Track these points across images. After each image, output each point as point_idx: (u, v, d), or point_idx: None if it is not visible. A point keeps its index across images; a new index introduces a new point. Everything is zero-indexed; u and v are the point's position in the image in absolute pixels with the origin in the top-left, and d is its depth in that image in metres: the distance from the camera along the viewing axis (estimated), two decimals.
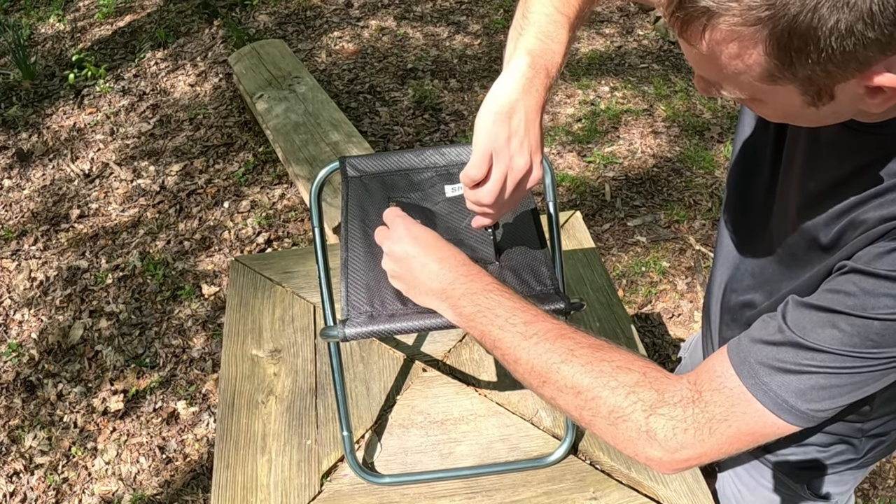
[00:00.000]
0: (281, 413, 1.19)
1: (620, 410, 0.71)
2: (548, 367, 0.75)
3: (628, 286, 2.63)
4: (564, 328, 0.77)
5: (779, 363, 0.67)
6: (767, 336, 0.69)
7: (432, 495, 1.06)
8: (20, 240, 2.95)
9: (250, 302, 1.38)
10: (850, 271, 0.67)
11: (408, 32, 4.07)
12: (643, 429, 0.71)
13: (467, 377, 1.24)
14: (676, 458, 0.71)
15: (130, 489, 2.12)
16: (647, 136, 3.26)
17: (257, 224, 2.91)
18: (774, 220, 0.88)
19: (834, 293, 0.67)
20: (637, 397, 0.71)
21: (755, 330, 0.72)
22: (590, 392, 0.73)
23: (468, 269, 0.84)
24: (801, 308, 0.69)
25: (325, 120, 3.03)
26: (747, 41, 0.56)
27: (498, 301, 0.80)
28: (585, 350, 0.75)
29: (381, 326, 0.90)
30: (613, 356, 0.74)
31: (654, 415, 0.70)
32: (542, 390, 0.77)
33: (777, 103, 0.64)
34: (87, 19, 4.39)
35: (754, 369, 0.68)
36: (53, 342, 2.53)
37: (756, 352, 0.69)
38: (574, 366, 0.74)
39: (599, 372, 0.73)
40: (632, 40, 3.94)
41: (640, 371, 0.73)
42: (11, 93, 3.80)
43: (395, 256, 0.87)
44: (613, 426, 0.72)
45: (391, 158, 1.10)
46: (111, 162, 3.30)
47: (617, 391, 0.72)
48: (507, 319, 0.78)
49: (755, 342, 0.70)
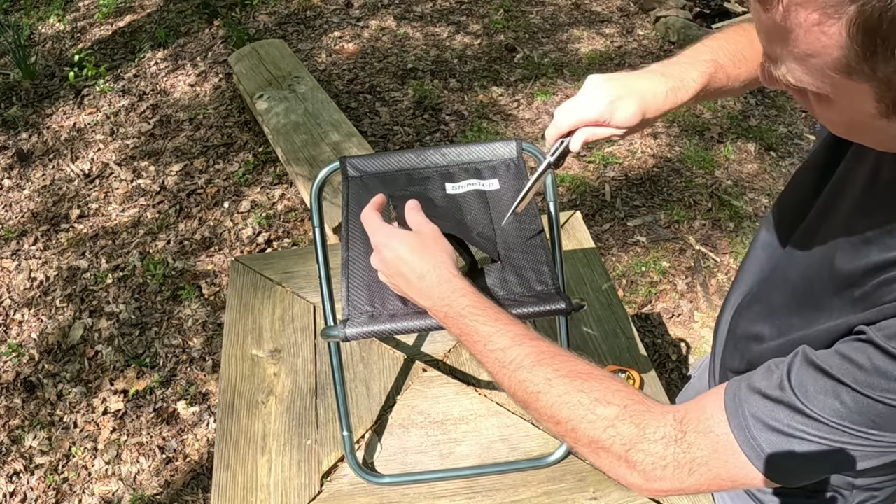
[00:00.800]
0: (281, 413, 1.19)
1: (599, 442, 0.70)
2: (527, 395, 0.74)
3: (628, 286, 2.63)
4: (542, 353, 0.75)
5: (773, 421, 0.64)
6: (767, 389, 0.66)
7: (432, 495, 1.06)
8: (20, 240, 2.95)
9: (250, 302, 1.38)
10: (868, 342, 0.62)
11: (408, 32, 4.07)
12: (622, 459, 0.70)
13: (467, 377, 1.24)
14: (655, 488, 0.70)
15: (130, 489, 2.12)
16: (647, 136, 3.26)
17: (257, 224, 2.91)
18: (805, 254, 0.83)
19: (845, 360, 0.62)
20: (616, 431, 0.69)
21: (757, 378, 0.68)
22: (568, 424, 0.72)
23: (446, 287, 0.82)
24: (808, 368, 0.65)
25: (325, 120, 3.03)
26: (830, 11, 0.49)
27: (474, 327, 0.79)
28: (564, 380, 0.73)
29: (381, 326, 0.90)
30: (592, 386, 0.72)
31: (633, 450, 0.69)
32: (528, 412, 0.77)
33: (846, 105, 0.56)
34: (87, 19, 4.39)
35: (747, 421, 0.66)
36: (53, 342, 2.53)
37: (752, 403, 0.66)
38: (551, 396, 0.72)
39: (577, 404, 0.71)
40: (632, 40, 3.94)
41: (619, 405, 0.70)
42: (11, 93, 3.80)
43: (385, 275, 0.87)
44: (594, 454, 0.72)
45: (392, 158, 1.10)
46: (111, 162, 3.30)
47: (595, 424, 0.70)
48: (486, 346, 0.78)
49: (753, 392, 0.67)
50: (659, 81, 0.89)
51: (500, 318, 0.79)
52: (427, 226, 0.88)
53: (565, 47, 3.90)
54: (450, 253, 0.86)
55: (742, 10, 4.11)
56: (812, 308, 0.76)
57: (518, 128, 3.35)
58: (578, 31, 4.03)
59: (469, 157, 1.10)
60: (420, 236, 0.86)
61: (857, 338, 0.64)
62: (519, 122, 3.38)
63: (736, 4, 4.19)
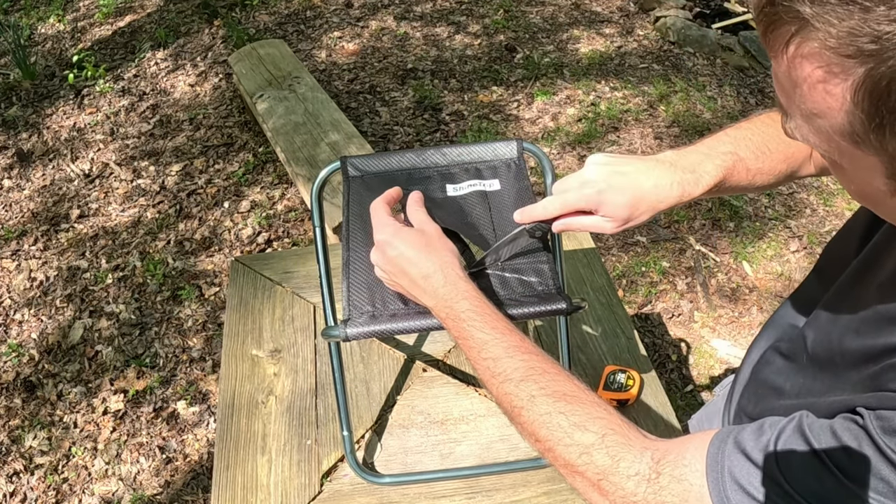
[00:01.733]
0: (281, 413, 1.19)
1: (574, 466, 0.69)
2: (511, 409, 0.74)
3: (628, 286, 2.63)
4: (532, 369, 0.74)
5: (749, 486, 0.61)
6: (753, 452, 0.63)
7: (432, 495, 1.06)
8: (20, 240, 2.95)
9: (250, 302, 1.38)
10: (864, 430, 0.57)
11: (408, 32, 4.07)
12: (595, 487, 0.68)
13: (467, 377, 1.24)
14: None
15: (130, 489, 2.12)
16: (647, 136, 3.26)
17: (257, 224, 2.91)
18: (833, 318, 0.78)
19: (836, 440, 0.59)
20: (590, 459, 0.68)
21: (746, 436, 0.65)
22: (546, 443, 0.71)
23: (448, 289, 0.81)
24: (799, 440, 0.61)
25: (325, 120, 3.03)
26: (836, 70, 0.45)
27: (470, 333, 0.78)
28: (547, 399, 0.72)
29: (382, 326, 0.90)
30: (574, 410, 0.70)
31: (604, 480, 0.68)
32: (512, 425, 0.77)
33: (855, 174, 0.52)
34: (87, 19, 4.39)
35: (724, 478, 0.63)
36: (53, 342, 2.53)
37: (734, 461, 0.63)
38: (532, 414, 0.72)
39: (556, 426, 0.70)
40: (632, 40, 3.94)
41: (598, 433, 0.69)
42: (11, 93, 3.80)
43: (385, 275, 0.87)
44: (570, 476, 0.71)
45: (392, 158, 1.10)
46: (111, 162, 3.30)
47: (570, 449, 0.69)
48: (479, 353, 0.78)
49: (738, 451, 0.64)
50: (666, 172, 0.83)
51: (497, 327, 0.78)
52: (430, 225, 0.88)
53: (565, 47, 3.90)
54: (455, 253, 0.86)
55: (742, 11, 4.11)
56: (831, 376, 0.73)
57: (518, 128, 3.35)
58: (578, 31, 4.03)
59: (469, 157, 1.10)
60: (425, 235, 0.86)
61: (855, 420, 0.59)
62: (519, 122, 3.38)
63: (736, 4, 4.18)
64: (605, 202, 0.83)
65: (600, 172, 0.83)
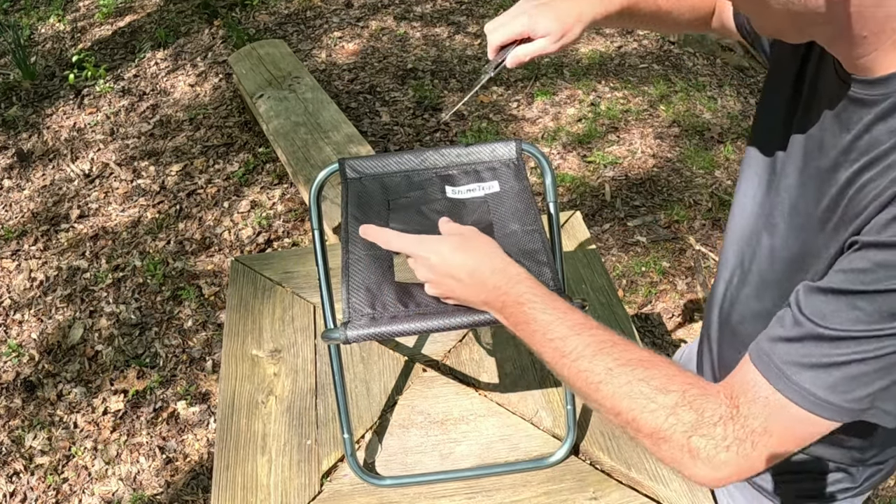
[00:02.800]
0: (281, 413, 1.19)
1: (662, 432, 0.70)
2: (588, 385, 0.74)
3: (628, 286, 2.63)
4: (603, 342, 0.75)
5: (804, 359, 0.65)
6: (786, 333, 0.67)
7: (432, 495, 1.06)
8: (20, 240, 2.95)
9: (250, 302, 1.39)
10: (862, 247, 0.64)
11: (408, 32, 4.07)
12: (685, 449, 0.69)
13: (467, 377, 1.24)
14: (720, 476, 0.70)
15: (130, 489, 2.12)
16: (647, 136, 3.27)
17: (257, 224, 2.92)
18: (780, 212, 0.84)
19: (847, 273, 0.64)
20: (677, 419, 0.69)
21: (772, 328, 0.69)
22: (630, 413, 0.72)
23: (501, 276, 0.82)
24: (816, 294, 0.66)
25: (325, 120, 3.03)
26: None
27: (533, 315, 0.78)
28: (624, 369, 0.72)
29: (382, 328, 0.90)
30: (653, 374, 0.72)
31: (694, 436, 0.69)
32: (587, 402, 0.77)
33: None
34: (87, 19, 4.39)
35: (781, 370, 0.66)
36: (53, 342, 2.53)
37: (779, 351, 0.67)
38: (612, 386, 0.72)
39: (638, 394, 0.71)
40: (632, 40, 3.94)
41: (678, 390, 0.70)
42: (11, 93, 3.80)
43: (431, 283, 0.87)
44: (656, 445, 0.71)
45: (391, 160, 1.10)
46: (111, 162, 3.30)
47: (656, 413, 0.70)
48: (545, 335, 0.77)
49: (775, 341, 0.68)
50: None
51: (557, 306, 0.78)
52: (464, 227, 0.89)
53: None
54: (495, 243, 0.86)
55: None
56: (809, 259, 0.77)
57: (518, 128, 3.35)
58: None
59: (468, 158, 1.10)
60: (460, 236, 0.87)
61: (852, 249, 0.65)
62: (519, 123, 3.39)
63: None
64: (537, 24, 0.97)
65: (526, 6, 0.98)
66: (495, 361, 1.25)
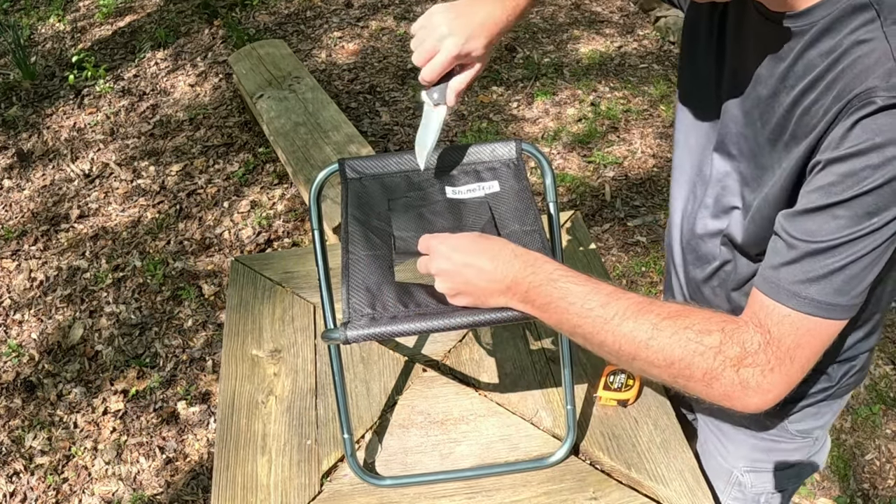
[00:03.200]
0: (281, 413, 1.19)
1: (713, 371, 0.76)
2: (636, 344, 0.78)
3: (628, 286, 2.63)
4: (641, 302, 0.79)
5: (808, 275, 0.73)
6: (784, 258, 0.75)
7: (432, 495, 1.06)
8: (20, 240, 2.95)
9: (250, 302, 1.39)
10: (826, 164, 0.72)
11: (408, 32, 4.07)
12: (736, 382, 0.75)
13: (467, 377, 1.24)
14: (771, 398, 0.77)
15: (130, 489, 2.12)
16: (647, 136, 3.27)
17: (257, 224, 2.92)
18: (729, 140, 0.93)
19: (819, 191, 0.72)
20: (724, 357, 0.75)
21: (770, 258, 0.78)
22: (682, 362, 0.76)
23: (524, 259, 0.84)
24: (799, 217, 0.74)
25: (325, 120, 3.03)
26: None
27: (567, 288, 0.81)
28: (668, 322, 0.77)
29: (382, 329, 0.90)
30: (694, 320, 0.77)
31: (742, 367, 0.75)
32: (632, 365, 0.81)
33: None
34: (87, 19, 4.40)
35: (791, 291, 0.74)
36: (53, 342, 2.53)
37: (784, 276, 0.75)
38: (661, 339, 0.77)
39: (687, 340, 0.76)
40: (632, 40, 3.94)
41: (719, 329, 0.76)
42: (11, 93, 3.80)
43: (446, 275, 0.87)
44: (708, 386, 0.77)
45: (390, 160, 1.10)
46: (111, 162, 3.30)
47: (706, 355, 0.76)
48: (583, 305, 0.80)
49: (777, 268, 0.76)
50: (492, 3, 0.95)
51: (589, 278, 0.82)
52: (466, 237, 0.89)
53: (565, 47, 3.90)
54: (504, 240, 0.88)
55: None
56: (761, 172, 0.86)
57: (518, 128, 3.35)
58: (578, 31, 4.03)
59: (468, 159, 1.10)
60: (470, 235, 0.88)
61: (816, 170, 0.74)
62: (519, 123, 3.39)
63: None
64: (472, 49, 0.94)
65: (443, 18, 0.94)
66: (495, 361, 1.26)
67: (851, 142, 0.69)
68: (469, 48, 0.94)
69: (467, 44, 0.93)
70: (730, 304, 1.04)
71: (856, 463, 2.09)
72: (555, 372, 1.23)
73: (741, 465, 1.21)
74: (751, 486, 1.22)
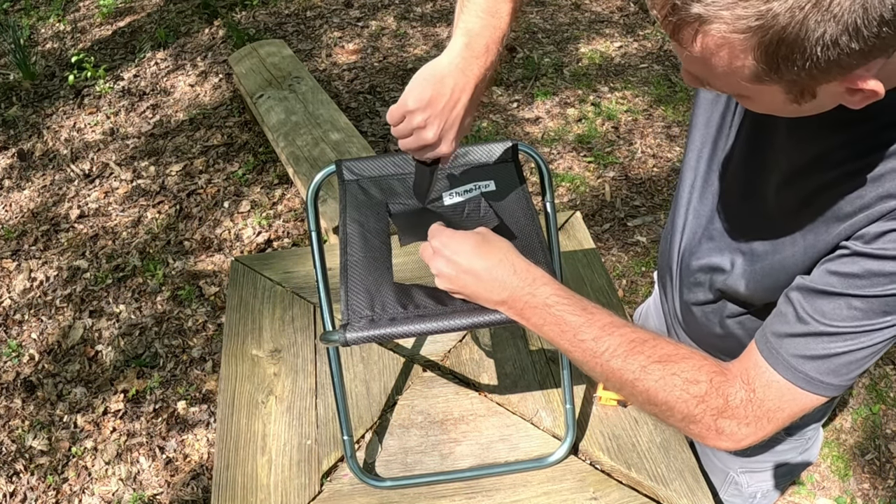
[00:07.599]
0: (281, 413, 1.19)
1: (692, 416, 0.79)
2: (622, 381, 0.81)
3: (628, 286, 2.63)
4: (633, 341, 0.80)
5: (810, 352, 0.75)
6: (791, 329, 0.76)
7: (432, 495, 1.06)
8: (20, 240, 2.95)
9: (250, 302, 1.39)
10: (854, 254, 0.72)
11: (408, 32, 4.07)
12: (712, 428, 0.79)
13: (467, 378, 1.24)
14: (742, 445, 0.80)
15: (130, 489, 2.12)
16: (647, 136, 3.26)
17: (257, 224, 2.92)
18: (748, 187, 0.91)
19: (842, 277, 0.73)
20: (706, 406, 0.78)
21: (776, 324, 0.78)
22: (665, 404, 0.80)
23: (522, 277, 0.84)
24: (815, 296, 0.75)
25: (325, 120, 3.03)
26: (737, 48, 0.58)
27: (562, 317, 0.82)
28: (657, 366, 0.79)
29: (382, 331, 0.90)
30: (683, 367, 0.79)
31: (720, 418, 0.78)
32: (618, 391, 0.84)
33: (762, 100, 0.68)
34: (87, 19, 4.39)
35: (789, 363, 0.76)
36: (53, 342, 2.53)
37: (786, 346, 0.76)
38: (648, 382, 0.79)
39: (672, 387, 0.79)
40: (632, 41, 3.94)
41: (706, 380, 0.78)
42: (11, 93, 3.80)
43: (445, 278, 0.87)
44: (686, 427, 0.81)
45: (387, 161, 1.10)
46: (111, 162, 3.30)
47: (689, 402, 0.78)
48: (576, 336, 0.82)
49: (781, 337, 0.77)
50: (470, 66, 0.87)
51: (585, 307, 0.84)
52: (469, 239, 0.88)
53: (565, 47, 3.90)
54: (511, 245, 0.88)
55: None
56: (778, 235, 0.85)
57: (518, 128, 3.35)
58: (578, 31, 4.03)
59: (465, 159, 1.10)
60: (478, 235, 0.88)
61: (842, 254, 0.74)
62: (519, 123, 3.39)
63: None
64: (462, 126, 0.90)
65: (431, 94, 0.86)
66: (495, 362, 1.26)
67: (886, 244, 0.70)
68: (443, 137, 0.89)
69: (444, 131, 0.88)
70: (722, 329, 1.04)
71: (856, 463, 2.09)
72: (554, 372, 1.23)
73: (736, 466, 1.23)
74: (746, 485, 1.25)
